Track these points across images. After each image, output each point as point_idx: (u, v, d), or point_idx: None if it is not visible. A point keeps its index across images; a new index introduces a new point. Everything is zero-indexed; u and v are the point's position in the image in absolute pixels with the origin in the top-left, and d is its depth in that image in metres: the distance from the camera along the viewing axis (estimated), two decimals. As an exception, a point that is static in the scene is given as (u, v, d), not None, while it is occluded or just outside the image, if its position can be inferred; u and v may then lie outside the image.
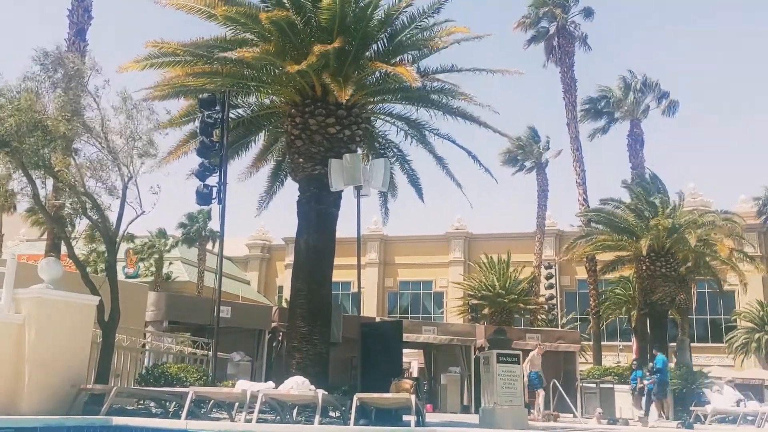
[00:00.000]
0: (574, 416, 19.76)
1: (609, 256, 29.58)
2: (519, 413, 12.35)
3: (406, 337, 20.77)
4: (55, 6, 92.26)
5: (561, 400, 20.34)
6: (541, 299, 39.43)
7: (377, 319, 29.19)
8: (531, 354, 19.07)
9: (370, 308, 45.49)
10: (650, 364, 20.72)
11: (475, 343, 23.43)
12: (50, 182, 12.90)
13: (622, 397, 20.95)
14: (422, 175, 18.03)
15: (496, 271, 35.42)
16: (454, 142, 16.44)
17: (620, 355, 39.28)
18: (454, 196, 54.98)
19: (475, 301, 36.23)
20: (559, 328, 37.70)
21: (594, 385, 21.41)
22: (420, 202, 18.35)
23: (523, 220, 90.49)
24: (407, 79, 13.04)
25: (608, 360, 35.95)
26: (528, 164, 39.86)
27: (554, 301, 43.53)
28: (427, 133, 16.73)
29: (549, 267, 43.94)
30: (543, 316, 38.68)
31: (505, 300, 33.93)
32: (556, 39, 36.18)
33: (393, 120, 16.87)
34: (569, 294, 46.49)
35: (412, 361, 32.60)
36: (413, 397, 10.41)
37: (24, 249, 39.54)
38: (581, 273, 38.93)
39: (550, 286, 43.87)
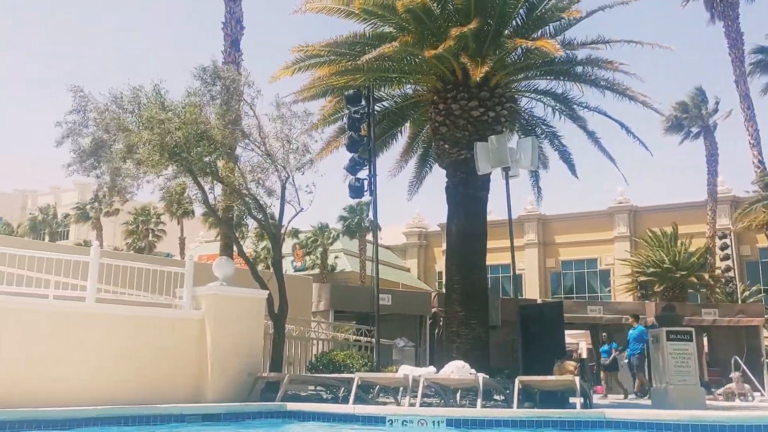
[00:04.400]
0: (762, 395, 18.31)
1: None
2: (694, 392, 11.68)
3: (571, 317, 20.26)
4: (211, 20, 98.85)
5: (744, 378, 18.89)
6: (717, 272, 36.74)
7: (539, 301, 28.63)
8: None
9: (532, 290, 44.65)
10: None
11: (645, 321, 22.34)
12: (218, 187, 13.96)
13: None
14: (578, 149, 17.50)
15: (664, 245, 33.49)
16: (605, 114, 15.79)
17: (815, 328, 35.69)
18: (614, 168, 52.38)
19: (643, 278, 34.49)
20: (740, 302, 34.96)
21: (782, 362, 19.69)
22: (577, 178, 17.85)
23: (692, 188, 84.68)
24: (550, 50, 12.67)
25: (800, 333, 32.80)
26: (694, 129, 37.26)
27: (732, 273, 40.39)
28: (576, 107, 16.17)
29: (724, 237, 40.82)
30: (720, 290, 36.03)
31: (677, 275, 32.01)
32: (717, -9, 33.37)
33: (539, 96, 16.49)
34: (750, 264, 42.83)
35: (580, 342, 31.70)
36: (578, 379, 10.17)
37: (203, 250, 42.89)
38: (762, 241, 35.78)
39: (726, 257, 40.70)
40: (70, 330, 9.88)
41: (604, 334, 20.94)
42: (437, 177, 18.74)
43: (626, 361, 18.22)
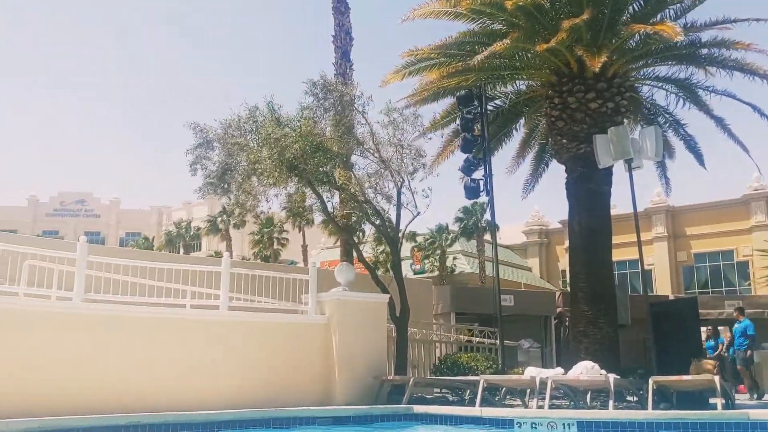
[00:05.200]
0: None
1: None
2: None
3: (707, 313, 19.19)
4: (320, 33, 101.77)
5: None
6: None
7: (671, 297, 27.27)
8: None
9: (663, 286, 42.56)
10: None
11: (789, 315, 20.77)
12: (336, 195, 14.32)
13: None
14: (702, 134, 16.55)
15: (810, 232, 30.99)
16: (733, 96, 14.85)
17: None
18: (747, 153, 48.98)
19: (787, 269, 32.03)
20: None
21: None
22: (705, 169, 16.93)
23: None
24: (669, 34, 12.05)
25: None
26: (838, 105, 34.27)
27: None
28: (700, 92, 15.30)
29: None
30: None
31: (826, 264, 29.49)
32: None
33: (660, 84, 15.74)
34: None
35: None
36: (717, 378, 9.61)
37: (324, 256, 44.03)
38: None
39: None
40: (206, 337, 10.43)
41: (708, 328, 19.62)
42: (556, 172, 18.34)
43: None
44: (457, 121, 15.58)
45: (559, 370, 10.93)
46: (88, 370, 9.21)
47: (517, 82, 16.23)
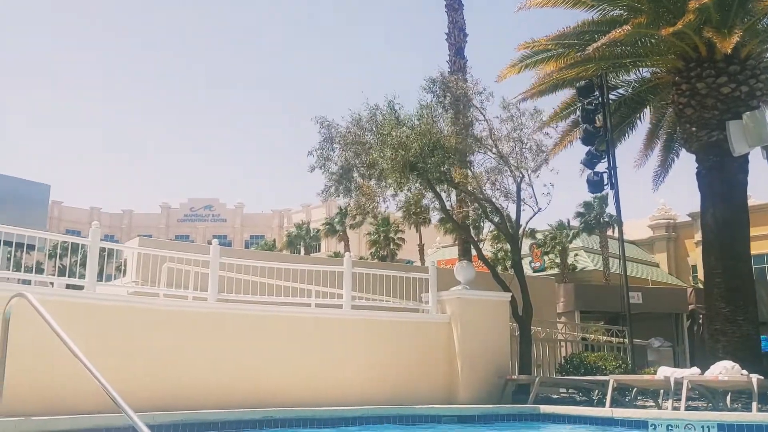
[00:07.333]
0: None
1: None
2: None
3: None
4: (433, 32, 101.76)
5: None
6: None
7: (818, 292, 25.25)
8: None
9: (808, 280, 39.47)
10: None
11: None
12: (453, 194, 14.28)
13: None
14: None
15: None
16: None
17: None
18: None
19: None
20: None
21: None
22: None
23: None
24: None
25: None
26: None
27: None
28: None
29: None
30: None
31: None
32: None
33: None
34: None
35: None
36: None
37: (440, 255, 43.99)
38: None
39: None
40: (330, 335, 10.68)
41: None
42: (684, 163, 17.42)
43: None
44: (577, 113, 15.14)
45: (695, 369, 10.37)
46: (222, 367, 9.64)
47: (640, 69, 15.54)
